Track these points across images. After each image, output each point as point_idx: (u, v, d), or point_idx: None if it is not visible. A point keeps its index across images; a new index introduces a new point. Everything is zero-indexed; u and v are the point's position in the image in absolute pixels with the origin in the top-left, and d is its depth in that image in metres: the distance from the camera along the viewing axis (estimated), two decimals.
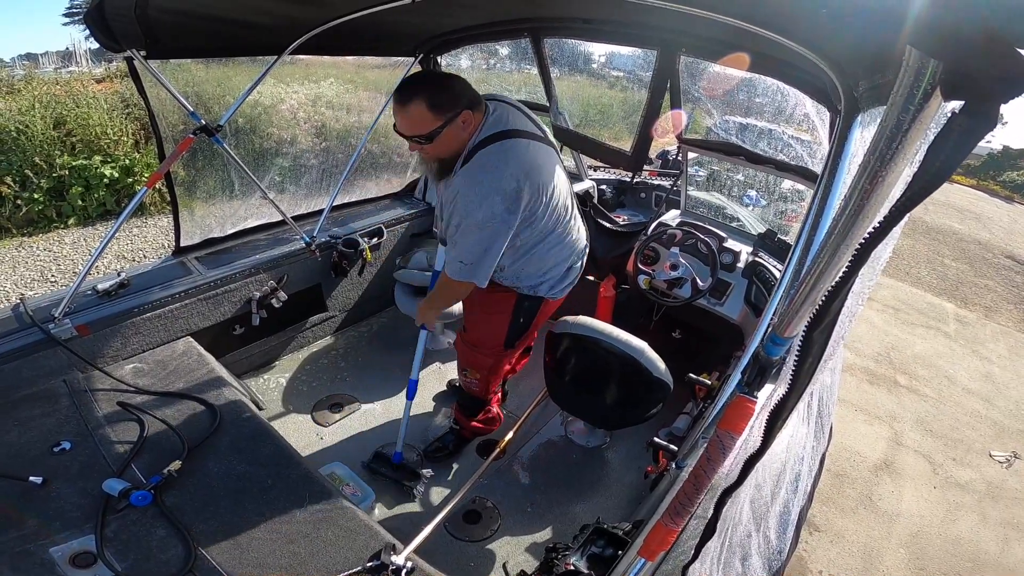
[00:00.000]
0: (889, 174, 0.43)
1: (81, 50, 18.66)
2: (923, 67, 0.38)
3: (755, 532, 1.30)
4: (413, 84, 1.51)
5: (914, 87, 0.39)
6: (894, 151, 0.42)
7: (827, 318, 0.54)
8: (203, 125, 2.01)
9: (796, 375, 0.61)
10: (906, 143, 0.41)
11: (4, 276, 4.62)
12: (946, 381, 4.38)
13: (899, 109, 0.40)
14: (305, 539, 1.44)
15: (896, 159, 0.42)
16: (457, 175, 1.60)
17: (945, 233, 9.64)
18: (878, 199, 0.45)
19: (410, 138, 1.54)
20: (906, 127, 0.40)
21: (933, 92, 0.38)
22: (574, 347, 2.00)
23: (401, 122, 1.52)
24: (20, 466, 1.51)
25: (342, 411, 2.49)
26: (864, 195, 0.45)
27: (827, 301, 0.51)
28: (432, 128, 1.49)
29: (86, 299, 1.98)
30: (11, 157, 5.46)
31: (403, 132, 1.53)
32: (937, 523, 2.92)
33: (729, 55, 1.83)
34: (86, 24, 1.51)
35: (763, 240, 2.60)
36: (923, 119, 0.40)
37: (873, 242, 0.43)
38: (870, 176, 0.44)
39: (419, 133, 1.51)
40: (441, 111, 1.48)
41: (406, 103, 1.47)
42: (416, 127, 1.50)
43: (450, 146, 1.58)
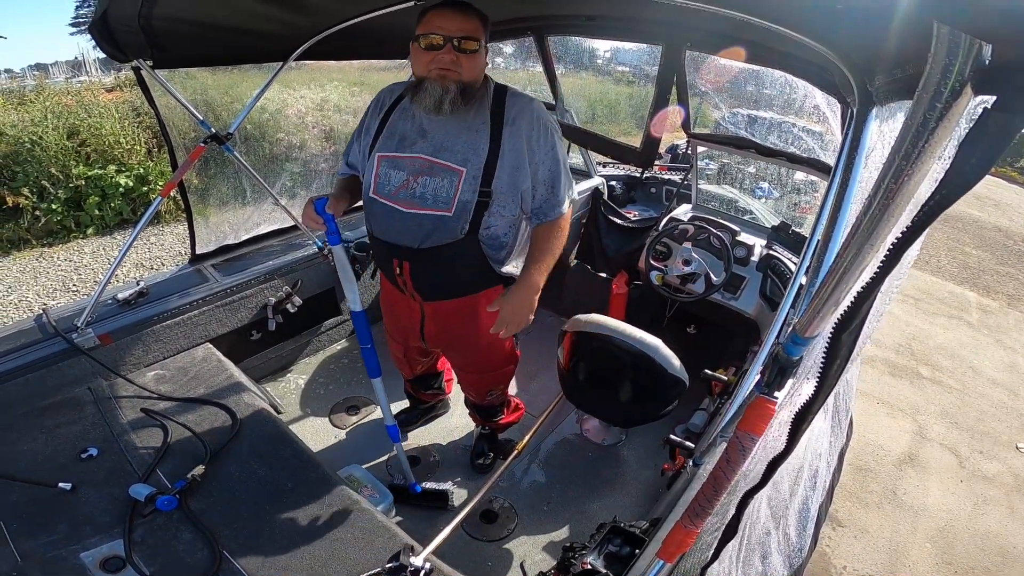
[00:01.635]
0: (916, 172, 0.42)
1: (90, 59, 18.88)
2: (951, 62, 0.37)
3: (774, 530, 1.29)
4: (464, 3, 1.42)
5: (941, 83, 0.38)
6: (921, 149, 0.41)
7: (855, 320, 0.53)
8: (213, 134, 2.04)
9: (823, 377, 0.60)
10: (933, 140, 0.40)
11: (26, 287, 4.71)
12: (970, 372, 4.29)
13: (925, 106, 0.39)
14: (325, 541, 1.46)
15: (923, 157, 0.41)
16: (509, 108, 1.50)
17: (965, 221, 9.45)
18: (904, 197, 0.44)
19: (461, 38, 1.38)
20: (933, 124, 0.39)
21: (963, 88, 0.37)
22: (587, 345, 1.99)
23: (453, 21, 1.38)
24: (49, 473, 1.54)
25: (358, 413, 2.50)
26: (889, 194, 0.44)
27: (856, 303, 0.50)
28: (481, 38, 1.42)
29: (107, 308, 2.01)
30: (27, 168, 5.54)
31: (452, 31, 1.37)
32: (964, 517, 2.86)
33: (735, 48, 1.81)
34: (91, 35, 1.53)
35: (777, 233, 2.58)
36: (952, 115, 0.39)
37: (904, 244, 0.42)
38: (895, 174, 0.43)
39: (473, 35, 1.39)
40: (484, 29, 1.43)
41: (463, 7, 1.40)
42: (472, 29, 1.39)
43: (479, 68, 1.46)
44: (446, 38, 1.37)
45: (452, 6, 1.38)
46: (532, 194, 1.54)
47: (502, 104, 1.50)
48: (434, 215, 1.49)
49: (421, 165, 1.49)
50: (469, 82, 1.44)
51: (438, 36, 1.37)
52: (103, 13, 1.37)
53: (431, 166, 1.48)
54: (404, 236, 1.54)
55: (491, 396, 2.06)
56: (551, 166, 1.54)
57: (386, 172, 1.53)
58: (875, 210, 0.46)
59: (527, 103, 1.52)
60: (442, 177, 1.48)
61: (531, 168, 1.51)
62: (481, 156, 1.46)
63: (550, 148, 1.52)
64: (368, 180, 1.57)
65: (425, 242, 1.53)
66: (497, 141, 1.47)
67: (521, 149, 1.48)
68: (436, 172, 1.48)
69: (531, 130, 1.49)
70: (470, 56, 1.40)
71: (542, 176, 1.53)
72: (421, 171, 1.49)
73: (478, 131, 1.48)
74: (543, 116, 1.52)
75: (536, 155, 1.51)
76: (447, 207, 1.48)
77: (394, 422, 1.91)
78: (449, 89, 1.41)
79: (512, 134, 1.47)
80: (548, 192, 1.55)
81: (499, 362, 1.94)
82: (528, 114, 1.50)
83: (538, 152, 1.51)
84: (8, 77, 15.06)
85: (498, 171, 1.47)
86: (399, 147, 1.53)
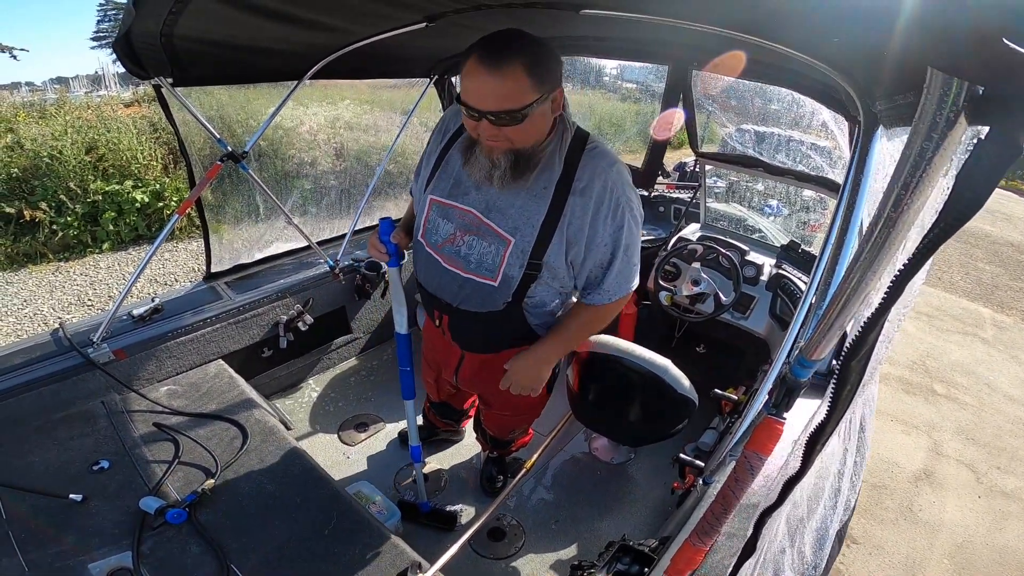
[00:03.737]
0: (915, 201, 0.43)
1: (110, 74, 19.29)
2: (946, 92, 0.38)
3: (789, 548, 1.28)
4: (507, 40, 1.12)
5: (937, 114, 0.39)
6: (919, 179, 0.42)
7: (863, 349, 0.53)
8: (229, 152, 2.08)
9: (834, 403, 0.60)
10: (931, 170, 0.41)
11: (42, 300, 4.80)
12: (986, 388, 4.23)
13: (923, 137, 0.40)
14: (333, 556, 1.46)
15: (921, 186, 0.42)
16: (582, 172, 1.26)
17: (976, 236, 9.36)
18: (904, 226, 0.45)
19: (494, 115, 1.12)
20: (930, 155, 0.40)
21: (957, 118, 0.38)
22: (596, 366, 1.99)
23: (484, 91, 1.11)
24: (61, 484, 1.56)
25: (367, 430, 2.51)
26: (890, 223, 0.45)
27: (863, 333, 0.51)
28: (528, 102, 1.12)
29: (122, 324, 2.05)
30: (46, 183, 5.65)
31: (483, 107, 1.12)
32: (983, 532, 2.82)
33: (742, 68, 1.83)
34: (115, 52, 1.56)
35: (786, 252, 2.57)
36: (948, 146, 0.39)
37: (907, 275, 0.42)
38: (895, 204, 0.44)
39: (512, 107, 1.11)
40: (541, 80, 1.12)
41: (500, 65, 1.09)
42: (509, 99, 1.11)
43: (535, 132, 1.21)
44: (480, 112, 1.14)
45: (486, 62, 1.10)
46: (583, 272, 1.36)
47: (575, 165, 1.26)
48: (476, 281, 1.37)
49: (471, 221, 1.33)
50: (523, 149, 1.23)
51: (472, 109, 1.14)
52: (127, 31, 1.41)
53: (479, 225, 1.32)
54: (445, 292, 1.45)
55: (512, 435, 2.03)
56: (612, 249, 1.32)
57: (435, 219, 1.40)
58: (877, 238, 0.47)
59: (606, 168, 1.26)
60: (490, 242, 1.32)
61: (589, 246, 1.31)
62: (535, 227, 1.28)
63: (616, 229, 1.29)
64: (419, 221, 1.46)
65: (464, 304, 1.43)
66: (558, 211, 1.26)
67: (583, 225, 1.27)
68: (484, 234, 1.33)
69: (600, 204, 1.26)
70: (518, 127, 1.15)
71: (599, 257, 1.33)
72: (470, 228, 1.34)
73: (538, 197, 1.27)
74: (619, 187, 1.27)
75: (599, 234, 1.30)
76: (492, 276, 1.35)
77: (418, 443, 1.88)
78: (498, 163, 1.23)
79: (577, 205, 1.26)
80: (600, 274, 1.35)
81: (529, 407, 1.84)
82: (600, 182, 1.26)
83: (601, 231, 1.29)
84: (29, 90, 15.39)
85: (553, 243, 1.29)
86: (451, 194, 1.36)
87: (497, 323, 1.44)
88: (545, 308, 1.45)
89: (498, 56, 1.09)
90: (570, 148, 1.27)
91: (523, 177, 1.25)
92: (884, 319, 0.47)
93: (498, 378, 1.57)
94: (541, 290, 1.39)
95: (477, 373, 1.67)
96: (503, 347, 1.53)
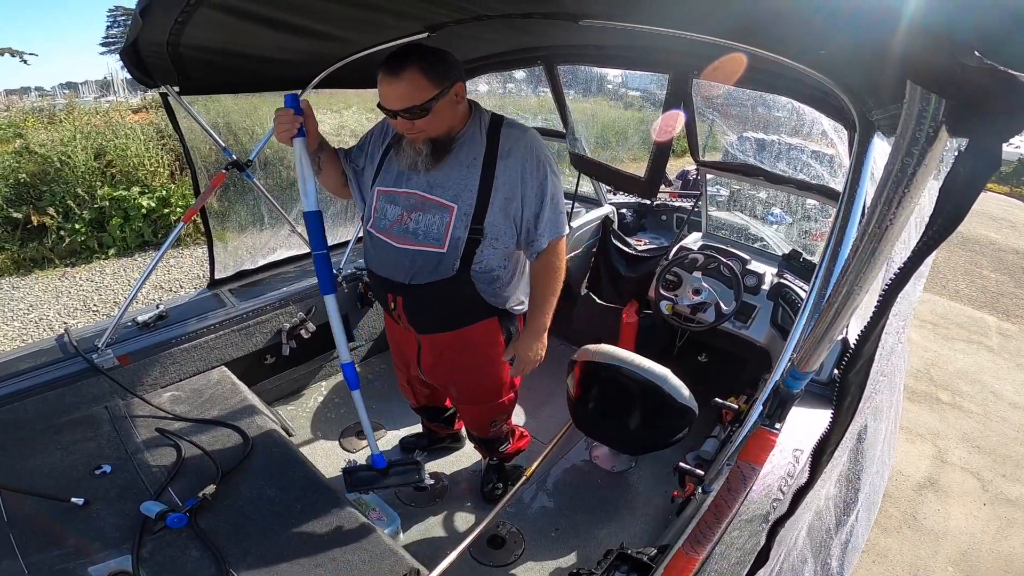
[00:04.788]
0: (899, 217, 0.43)
1: (118, 79, 19.45)
2: (925, 106, 0.38)
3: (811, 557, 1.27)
4: (405, 52, 1.35)
5: (917, 128, 0.39)
6: (902, 194, 0.42)
7: (860, 361, 0.53)
8: (234, 160, 2.10)
9: (836, 415, 0.61)
10: (913, 186, 0.41)
11: (47, 305, 4.83)
12: (991, 396, 4.20)
13: (903, 152, 0.41)
14: (332, 563, 1.46)
15: (904, 202, 0.42)
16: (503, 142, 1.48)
17: (981, 243, 9.31)
18: (890, 241, 0.45)
19: (401, 112, 1.35)
20: (912, 170, 0.41)
21: (938, 132, 0.38)
22: (596, 375, 1.99)
23: (391, 94, 1.34)
24: (63, 487, 1.57)
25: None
26: (875, 238, 0.46)
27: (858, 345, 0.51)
28: (428, 97, 1.33)
29: (127, 330, 2.07)
30: (54, 188, 5.69)
31: (393, 107, 1.35)
32: (988, 540, 2.80)
33: (741, 76, 1.83)
34: (122, 60, 1.59)
35: (788, 261, 2.57)
36: (929, 161, 0.40)
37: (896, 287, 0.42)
38: (879, 220, 0.44)
39: (414, 104, 1.33)
40: (438, 79, 1.34)
41: (399, 71, 1.31)
42: (411, 97, 1.33)
43: (443, 122, 1.43)
44: (391, 111, 1.37)
45: (389, 71, 1.33)
46: (524, 225, 1.54)
47: (497, 137, 1.49)
48: (426, 251, 1.51)
49: (415, 201, 1.51)
50: (439, 136, 1.45)
51: (386, 110, 1.38)
52: (134, 40, 1.43)
53: (424, 202, 1.50)
54: (397, 271, 1.56)
55: (495, 427, 2.03)
56: (540, 198, 1.52)
57: (383, 207, 1.56)
58: (862, 252, 0.47)
59: (521, 134, 1.51)
60: (434, 213, 1.49)
61: (524, 199, 1.50)
62: (473, 192, 1.47)
63: (540, 180, 1.50)
64: (368, 214, 1.61)
65: (416, 278, 1.55)
66: (490, 176, 1.46)
67: (515, 181, 1.48)
68: (428, 208, 1.50)
69: (524, 161, 1.48)
70: (425, 119, 1.37)
71: (533, 207, 1.52)
72: (415, 207, 1.51)
73: (470, 167, 1.48)
74: (536, 148, 1.50)
75: (529, 187, 1.50)
76: (439, 244, 1.50)
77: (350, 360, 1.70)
78: (420, 150, 1.45)
79: (506, 167, 1.47)
80: (534, 223, 1.54)
81: (497, 392, 1.89)
82: (522, 146, 1.48)
83: (531, 184, 1.49)
84: (39, 95, 15.49)
85: (491, 206, 1.47)
86: (396, 182, 1.55)
87: (448, 293, 1.56)
88: (492, 273, 1.58)
89: (398, 65, 1.32)
90: (490, 124, 1.51)
91: (442, 159, 1.47)
92: (879, 330, 0.47)
93: (456, 361, 1.74)
94: (487, 254, 1.53)
95: (437, 359, 1.76)
96: (455, 323, 1.65)
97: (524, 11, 1.51)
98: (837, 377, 0.62)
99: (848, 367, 0.58)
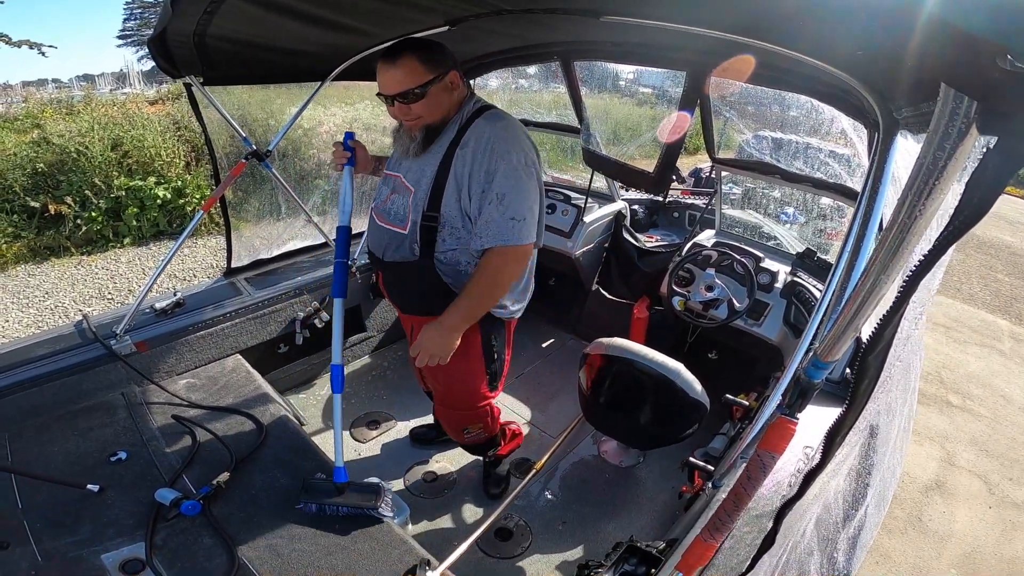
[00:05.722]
0: (928, 208, 0.44)
1: (134, 71, 19.67)
2: (957, 105, 0.39)
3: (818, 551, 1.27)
4: (402, 42, 1.42)
5: (949, 125, 0.40)
6: (931, 187, 0.43)
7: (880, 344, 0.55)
8: (254, 150, 2.12)
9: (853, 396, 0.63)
10: (943, 179, 0.42)
11: (63, 293, 4.90)
12: (1002, 400, 4.17)
13: (935, 147, 0.41)
14: (343, 551, 1.48)
15: (934, 194, 0.43)
16: (469, 132, 1.45)
17: (997, 247, 9.20)
18: (916, 233, 0.46)
19: (398, 96, 1.40)
20: (942, 164, 0.41)
21: (968, 129, 0.39)
22: (608, 369, 2.00)
23: (388, 80, 1.40)
24: (79, 474, 1.58)
25: (379, 428, 2.54)
26: (904, 229, 0.46)
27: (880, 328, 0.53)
28: (423, 82, 1.38)
29: (144, 317, 2.10)
30: (71, 178, 5.77)
31: (389, 92, 1.41)
32: (992, 543, 2.80)
33: (759, 73, 1.82)
34: (149, 50, 1.60)
35: (802, 260, 2.56)
36: (959, 155, 0.41)
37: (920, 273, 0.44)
38: (908, 210, 0.45)
39: (409, 87, 1.38)
40: (432, 65, 1.39)
41: (395, 58, 1.37)
42: (406, 81, 1.38)
43: (439, 108, 1.45)
44: (387, 97, 1.43)
45: (387, 59, 1.39)
46: (472, 219, 1.48)
47: (466, 128, 1.47)
48: (392, 230, 1.57)
49: (398, 183, 1.58)
50: (434, 123, 1.47)
51: (384, 96, 1.43)
52: (162, 31, 1.45)
53: (401, 185, 1.57)
54: (377, 246, 1.64)
55: (468, 434, 1.93)
56: (483, 194, 1.43)
57: (381, 188, 1.67)
58: (891, 242, 0.48)
59: (487, 125, 1.45)
60: (403, 195, 1.55)
61: (471, 191, 1.45)
62: (429, 179, 1.48)
63: (488, 174, 1.42)
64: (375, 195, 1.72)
65: (387, 255, 1.60)
66: (447, 165, 1.46)
67: (464, 173, 1.44)
68: (400, 190, 1.57)
69: (476, 152, 1.43)
70: (421, 103, 1.42)
71: (476, 204, 1.45)
72: (397, 188, 1.58)
73: (435, 154, 1.49)
74: (496, 140, 1.42)
75: (475, 178, 1.44)
76: (403, 224, 1.55)
77: (341, 363, 1.68)
78: (415, 136, 1.49)
79: (462, 156, 1.45)
80: (473, 221, 1.47)
81: (467, 400, 1.81)
82: (482, 137, 1.43)
83: (476, 176, 1.43)
84: (56, 87, 15.67)
85: (445, 194, 1.47)
86: (392, 166, 1.65)
87: (414, 275, 1.59)
88: (458, 267, 1.56)
89: (395, 53, 1.39)
90: (469, 118, 1.48)
91: (429, 147, 1.49)
92: (900, 315, 0.48)
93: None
94: (449, 243, 1.52)
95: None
96: (430, 310, 1.56)
97: (546, 6, 1.51)
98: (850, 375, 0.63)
99: (867, 350, 0.60)
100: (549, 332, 3.38)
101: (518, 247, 1.44)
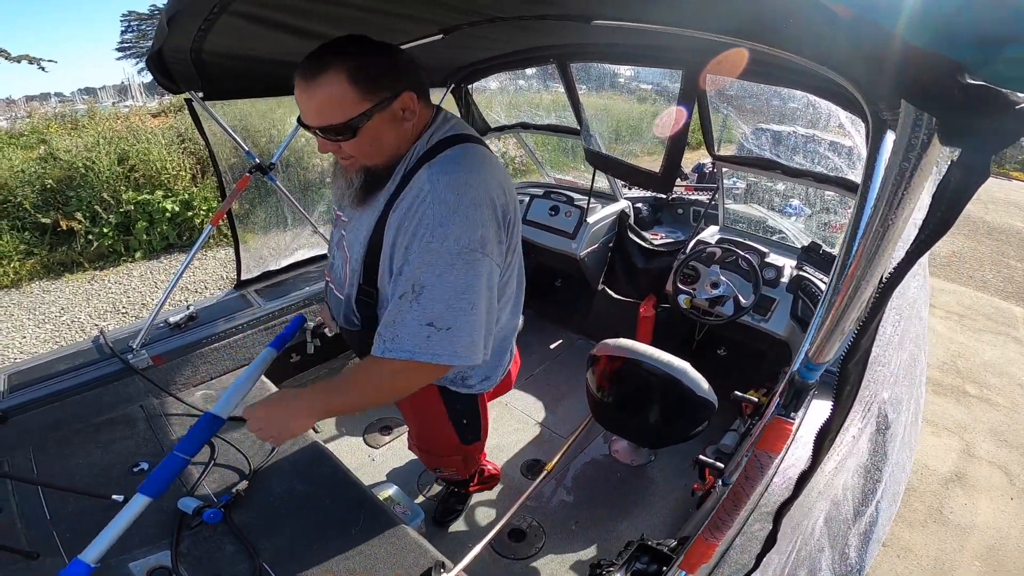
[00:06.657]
0: (899, 217, 0.46)
1: (135, 84, 19.85)
2: (919, 115, 0.40)
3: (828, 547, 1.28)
4: (334, 48, 0.97)
5: (913, 135, 0.41)
6: (901, 196, 0.44)
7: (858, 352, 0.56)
8: (257, 164, 2.16)
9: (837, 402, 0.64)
10: (911, 188, 0.44)
11: (79, 308, 4.99)
12: (1020, 389, 4.12)
13: (901, 156, 0.43)
14: (360, 555, 1.50)
15: (903, 203, 0.45)
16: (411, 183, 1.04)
17: (1008, 233, 9.07)
18: (892, 239, 0.47)
19: (321, 130, 0.99)
20: (909, 173, 0.43)
21: (931, 140, 0.40)
22: (615, 369, 2.02)
23: (306, 106, 0.98)
24: (103, 485, 1.62)
25: (391, 433, 2.57)
26: (877, 237, 0.48)
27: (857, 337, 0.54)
28: (354, 114, 0.96)
29: (159, 331, 2.15)
30: (80, 193, 5.84)
31: (309, 123, 0.99)
32: (1016, 535, 2.77)
33: (754, 70, 1.83)
34: (148, 67, 1.62)
35: (807, 253, 2.56)
36: (925, 165, 0.42)
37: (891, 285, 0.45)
38: (882, 220, 0.47)
39: (333, 121, 0.97)
40: (368, 87, 0.96)
41: (316, 74, 0.95)
42: (330, 111, 0.96)
43: (380, 147, 1.04)
44: (308, 128, 1.01)
45: (304, 72, 0.97)
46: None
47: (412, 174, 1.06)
48: (335, 294, 1.30)
49: (339, 237, 1.26)
50: (375, 167, 1.08)
51: (303, 125, 1.02)
52: (159, 48, 1.47)
53: (341, 240, 1.24)
54: (331, 302, 1.40)
55: (439, 473, 1.87)
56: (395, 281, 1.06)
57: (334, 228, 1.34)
58: (868, 251, 0.49)
59: (427, 177, 1.01)
60: (342, 255, 1.23)
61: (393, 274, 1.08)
62: (362, 243, 1.13)
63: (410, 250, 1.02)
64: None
65: (336, 316, 1.34)
66: (382, 227, 1.08)
67: (389, 243, 1.08)
68: (340, 247, 1.25)
69: (403, 218, 1.03)
70: (352, 142, 1.00)
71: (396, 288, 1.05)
72: (339, 242, 1.26)
73: (374, 211, 1.11)
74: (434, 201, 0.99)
75: (397, 254, 1.06)
76: (342, 290, 1.25)
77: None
78: (351, 181, 1.10)
79: (394, 220, 1.06)
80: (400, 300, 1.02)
81: (439, 449, 1.65)
82: (415, 192, 1.02)
83: (399, 250, 1.05)
84: (59, 101, 15.79)
85: (381, 266, 1.11)
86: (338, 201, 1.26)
87: (362, 346, 1.21)
88: None
89: (316, 64, 0.95)
90: (421, 157, 1.06)
91: (377, 190, 1.10)
92: (875, 324, 0.50)
93: (405, 408, 1.56)
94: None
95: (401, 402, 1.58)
96: None
97: (537, 13, 1.53)
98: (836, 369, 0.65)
99: (847, 359, 0.62)
100: (557, 333, 3.40)
101: (430, 366, 1.01)
